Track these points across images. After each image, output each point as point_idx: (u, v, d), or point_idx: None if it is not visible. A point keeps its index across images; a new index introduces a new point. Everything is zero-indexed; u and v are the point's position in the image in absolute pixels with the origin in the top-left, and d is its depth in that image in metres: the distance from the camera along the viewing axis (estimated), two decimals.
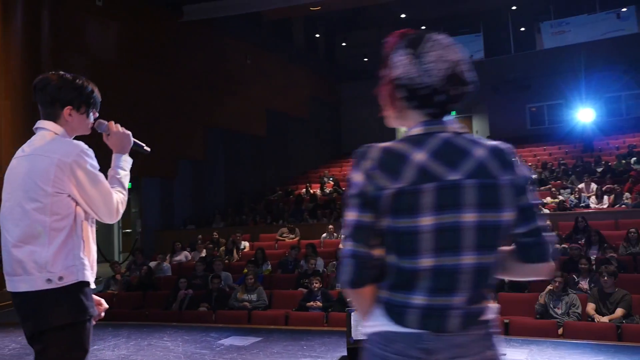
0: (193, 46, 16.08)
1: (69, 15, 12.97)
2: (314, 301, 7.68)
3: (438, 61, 1.37)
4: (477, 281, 1.35)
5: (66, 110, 2.24)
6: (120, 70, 14.27)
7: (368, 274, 1.36)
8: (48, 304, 2.06)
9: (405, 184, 1.32)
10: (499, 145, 1.44)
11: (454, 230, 1.32)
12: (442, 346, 1.32)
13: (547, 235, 1.43)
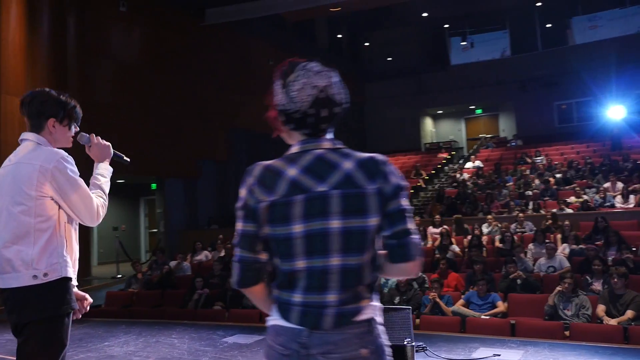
0: (215, 49, 16.34)
1: (94, 21, 13.35)
2: None
3: (304, 88, 1.55)
4: (345, 281, 1.48)
5: (50, 121, 2.42)
6: (144, 74, 14.62)
7: (252, 276, 1.55)
8: (33, 298, 2.21)
9: (278, 196, 1.51)
10: (371, 157, 1.57)
11: (322, 235, 1.48)
12: (316, 342, 1.46)
13: (412, 237, 1.54)
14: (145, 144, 14.55)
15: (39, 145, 2.38)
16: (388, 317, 4.51)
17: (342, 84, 1.64)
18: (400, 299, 7.42)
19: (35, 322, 2.21)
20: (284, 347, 1.49)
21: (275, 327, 1.54)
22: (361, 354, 1.47)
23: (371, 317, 1.53)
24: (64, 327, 2.27)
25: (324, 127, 1.59)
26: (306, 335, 1.47)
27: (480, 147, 21.57)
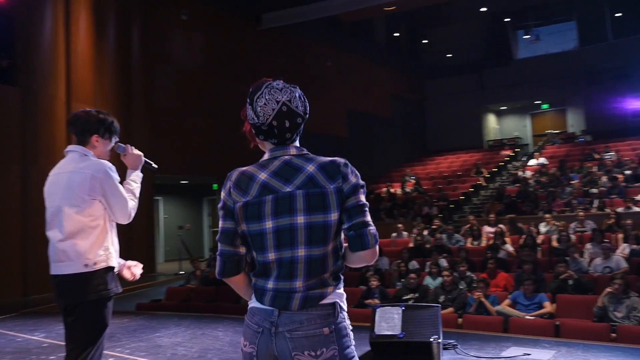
0: (273, 52, 16.74)
1: (157, 30, 14.06)
2: (371, 298, 7.83)
3: (268, 104, 1.79)
4: (310, 269, 1.69)
5: (93, 137, 2.79)
6: (204, 79, 15.22)
7: (232, 267, 1.78)
8: (84, 283, 2.61)
9: (251, 197, 1.74)
10: (332, 160, 1.77)
11: (289, 230, 1.69)
12: (284, 321, 1.68)
13: (368, 228, 1.73)
14: (205, 145, 15.17)
15: (86, 156, 2.76)
16: (417, 314, 4.58)
17: (303, 97, 1.86)
18: (445, 298, 7.39)
19: (85, 303, 2.60)
20: (257, 325, 1.72)
21: (252, 309, 1.76)
22: (322, 332, 1.67)
23: (335, 301, 1.72)
24: (107, 308, 2.66)
25: (289, 136, 1.80)
26: (276, 315, 1.69)
27: (545, 143, 20.81)
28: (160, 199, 16.90)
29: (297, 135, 1.83)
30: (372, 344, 4.62)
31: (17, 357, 5.08)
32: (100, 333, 2.66)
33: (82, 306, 2.61)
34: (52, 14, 10.65)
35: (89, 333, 2.61)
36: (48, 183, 2.82)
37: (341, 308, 1.74)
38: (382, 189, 18.03)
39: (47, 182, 2.83)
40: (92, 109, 2.96)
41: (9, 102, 9.76)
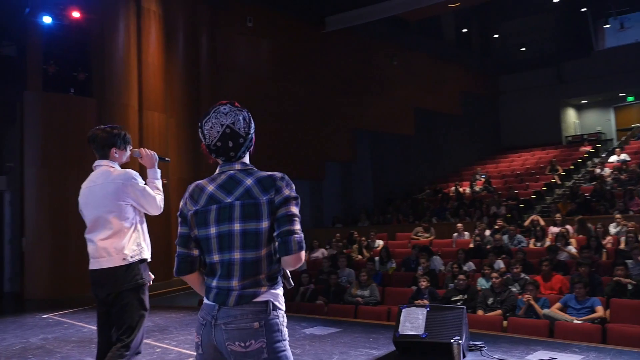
0: (337, 53, 16.94)
1: (224, 38, 14.66)
2: (421, 299, 7.83)
3: (213, 127, 2.02)
4: (245, 271, 1.92)
5: (112, 150, 3.30)
6: (271, 84, 15.69)
7: (186, 267, 2.07)
8: (124, 274, 3.11)
9: (200, 206, 2.01)
10: (270, 175, 2.02)
11: (228, 235, 1.94)
12: (222, 315, 1.92)
13: (293, 236, 1.93)
14: (272, 148, 15.61)
15: (113, 167, 3.27)
16: (441, 315, 4.61)
17: (249, 119, 2.10)
18: (494, 300, 7.26)
19: (125, 291, 3.09)
20: (203, 318, 1.98)
21: (202, 304, 2.03)
22: (252, 326, 1.89)
23: (268, 300, 1.94)
24: (144, 295, 3.18)
25: (233, 154, 2.04)
26: (216, 309, 1.93)
27: (629, 138, 19.57)
28: None
29: (243, 152, 2.06)
30: (396, 343, 4.71)
31: (79, 346, 5.61)
32: (142, 317, 3.12)
33: (123, 294, 3.10)
34: (125, 28, 11.44)
35: (132, 317, 3.07)
36: (82, 195, 3.30)
37: (274, 306, 1.95)
38: (450, 189, 17.76)
39: (81, 194, 3.32)
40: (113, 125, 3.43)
41: (86, 112, 10.60)
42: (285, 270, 2.03)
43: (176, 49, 13.01)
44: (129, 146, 3.39)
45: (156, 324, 6.71)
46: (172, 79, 12.74)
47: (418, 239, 12.65)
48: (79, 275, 10.13)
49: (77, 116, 10.44)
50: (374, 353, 4.81)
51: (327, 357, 4.78)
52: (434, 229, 13.13)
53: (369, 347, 5.00)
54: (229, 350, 1.89)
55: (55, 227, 9.96)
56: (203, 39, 13.99)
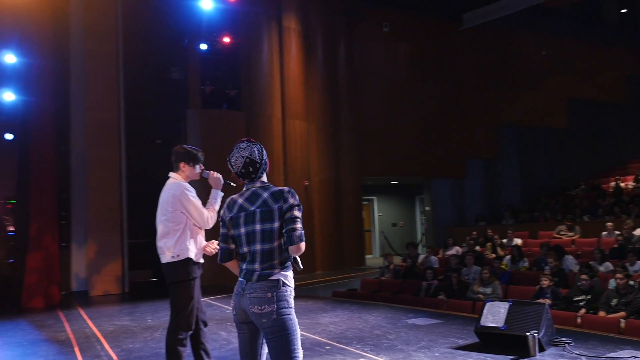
0: (477, 49, 16.78)
1: (361, 45, 15.47)
2: (542, 298, 7.76)
3: (237, 158, 2.78)
4: (264, 258, 2.69)
5: (181, 164, 3.91)
6: (409, 85, 16.14)
7: (225, 257, 2.86)
8: (174, 269, 3.78)
9: (234, 213, 2.79)
10: (280, 189, 2.75)
11: (252, 233, 2.73)
12: (248, 288, 2.67)
13: (295, 232, 2.66)
14: (412, 148, 16.06)
15: (175, 180, 3.90)
16: (522, 310, 4.83)
17: (261, 149, 2.83)
18: (618, 302, 6.97)
19: (173, 284, 3.78)
20: (236, 289, 2.76)
21: (238, 281, 2.77)
22: (266, 296, 2.64)
23: (279, 278, 2.68)
24: (190, 287, 3.77)
25: (253, 176, 2.80)
26: (245, 284, 2.70)
27: None
28: (374, 199, 18.36)
29: (260, 173, 2.81)
30: (477, 334, 5.00)
31: (219, 323, 6.73)
32: (188, 304, 3.73)
33: (172, 286, 3.77)
34: (268, 47, 12.79)
35: (177, 305, 3.75)
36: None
37: (284, 283, 2.68)
38: (610, 184, 16.47)
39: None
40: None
41: (236, 124, 12.11)
42: (295, 258, 2.69)
43: (315, 60, 14.11)
44: (198, 165, 3.90)
45: None
46: (312, 89, 13.86)
47: (560, 237, 12.15)
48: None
49: (229, 128, 11.99)
50: (459, 342, 5.14)
51: (415, 342, 5.23)
52: (581, 228, 12.45)
53: (458, 337, 5.33)
54: (251, 312, 2.65)
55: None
56: (341, 48, 14.93)
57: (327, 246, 13.79)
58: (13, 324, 7.43)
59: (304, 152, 13.38)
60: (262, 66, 12.61)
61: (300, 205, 2.73)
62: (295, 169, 13.10)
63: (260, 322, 2.63)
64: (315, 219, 13.61)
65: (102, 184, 10.31)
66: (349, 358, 4.80)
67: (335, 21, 14.77)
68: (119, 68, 10.78)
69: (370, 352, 4.95)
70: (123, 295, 10.16)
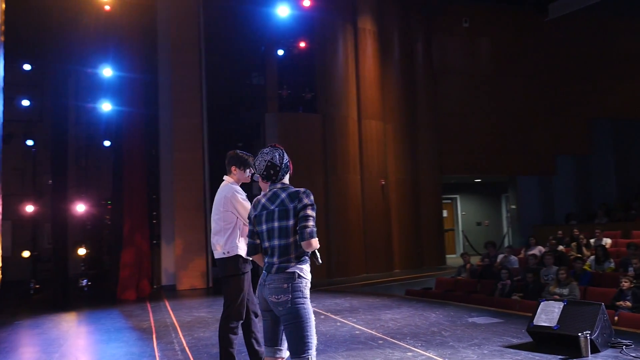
0: (564, 40, 16.00)
1: (439, 42, 15.31)
2: (623, 300, 7.39)
3: (260, 162, 3.09)
4: (281, 252, 2.97)
5: (233, 167, 4.24)
6: (492, 80, 15.74)
7: (253, 250, 3.15)
8: (225, 264, 4.13)
9: (257, 212, 3.10)
10: (296, 190, 3.02)
11: (272, 230, 3.02)
12: (269, 279, 2.97)
13: (307, 229, 2.91)
14: (495, 145, 15.63)
15: (227, 182, 4.24)
16: (577, 310, 4.73)
17: (282, 153, 3.10)
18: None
19: (225, 277, 4.12)
20: (260, 280, 3.04)
21: (262, 273, 3.05)
22: (283, 286, 2.92)
23: (294, 271, 2.95)
24: (240, 281, 4.07)
25: (274, 178, 3.10)
26: (266, 275, 3.00)
27: None
28: (457, 197, 18.02)
29: (281, 175, 3.09)
30: (529, 333, 4.93)
31: None
32: (238, 296, 4.03)
33: (223, 279, 4.11)
34: (343, 49, 13.02)
35: (229, 296, 4.07)
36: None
37: (299, 275, 2.93)
38: None
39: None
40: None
41: (312, 126, 12.45)
42: (314, 252, 2.91)
43: (391, 59, 14.16)
44: (248, 169, 4.18)
45: (351, 305, 7.87)
46: (388, 88, 13.92)
47: None
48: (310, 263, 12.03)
49: (306, 130, 12.37)
50: (513, 341, 5.08)
51: (468, 339, 5.24)
52: None
53: (512, 336, 5.26)
54: (270, 300, 2.93)
55: None
56: (418, 46, 14.87)
57: (405, 245, 13.79)
58: (106, 313, 8.24)
59: (380, 152, 13.48)
60: (337, 69, 12.88)
61: (314, 205, 2.98)
62: (371, 169, 13.23)
63: (278, 310, 2.90)
64: (393, 218, 13.66)
65: (187, 186, 11.06)
66: (398, 352, 4.92)
67: (412, 19, 14.72)
68: (201, 76, 11.49)
69: (420, 347, 5.04)
70: (207, 290, 10.84)
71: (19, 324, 7.50)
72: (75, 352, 5.64)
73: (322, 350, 5.09)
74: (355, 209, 12.78)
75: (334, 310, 7.47)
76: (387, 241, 13.40)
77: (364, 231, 12.91)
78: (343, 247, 12.40)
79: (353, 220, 12.68)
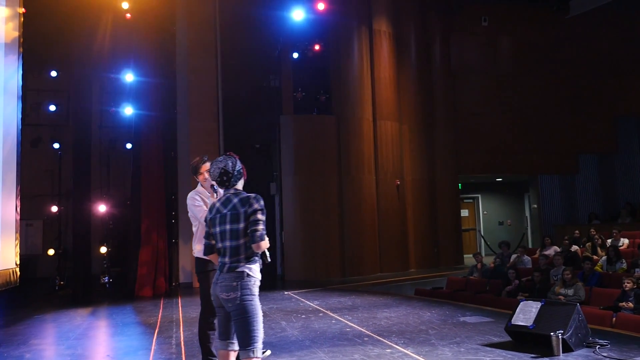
0: (587, 37, 15.75)
1: (458, 42, 15.27)
2: (625, 302, 7.35)
3: (214, 169, 3.35)
4: (232, 253, 3.23)
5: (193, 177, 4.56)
6: (512, 79, 15.65)
7: (209, 250, 3.45)
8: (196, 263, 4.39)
9: (212, 215, 3.37)
10: (248, 195, 3.28)
11: (224, 232, 3.29)
12: (220, 278, 3.22)
13: (257, 232, 3.17)
14: (515, 144, 15.52)
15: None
16: (553, 310, 4.82)
17: (234, 161, 3.35)
18: None
19: (197, 275, 4.36)
20: (215, 277, 3.29)
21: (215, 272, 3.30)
22: (232, 285, 3.17)
23: (244, 270, 3.21)
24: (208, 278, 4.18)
25: (228, 184, 3.36)
26: (219, 274, 3.26)
27: None
28: (478, 196, 17.92)
29: (234, 182, 3.34)
30: (508, 332, 5.02)
31: (284, 314, 7.30)
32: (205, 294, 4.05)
33: (198, 277, 4.33)
34: (358, 51, 13.17)
35: (201, 294, 4.25)
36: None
37: (248, 275, 3.19)
38: None
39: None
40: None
41: (327, 127, 12.65)
42: (264, 252, 3.14)
43: (408, 59, 14.23)
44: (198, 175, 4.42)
45: (353, 304, 8.05)
46: (404, 89, 14.01)
47: None
48: (324, 262, 12.24)
49: (320, 132, 12.59)
50: (494, 340, 5.18)
51: (450, 338, 5.37)
52: None
53: (495, 335, 5.36)
54: (221, 297, 3.19)
55: (304, 223, 12.24)
56: (435, 46, 14.89)
57: (420, 245, 13.85)
58: (120, 308, 8.65)
59: (396, 153, 13.57)
60: (352, 70, 13.03)
61: (264, 210, 3.25)
62: (386, 169, 13.34)
63: (228, 306, 3.16)
64: (409, 218, 13.74)
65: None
66: (378, 349, 5.09)
67: (428, 19, 14.75)
68: (217, 80, 11.83)
69: (401, 344, 5.19)
70: None
71: (38, 317, 7.96)
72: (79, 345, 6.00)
73: (307, 346, 5.30)
74: (369, 209, 12.91)
75: (334, 308, 7.67)
76: (403, 241, 13.49)
77: (378, 231, 13.03)
78: (357, 247, 12.56)
79: (367, 220, 12.82)
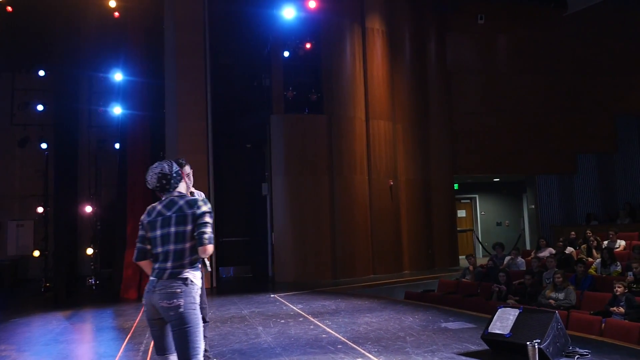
0: (585, 35, 15.51)
1: (454, 40, 15.06)
2: (616, 306, 7.12)
3: (151, 177, 3.23)
4: (176, 257, 3.09)
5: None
6: (509, 78, 15.41)
7: (140, 256, 3.26)
8: None
9: (152, 218, 3.21)
10: (194, 198, 3.20)
11: (167, 235, 3.14)
12: (159, 285, 3.05)
13: (204, 235, 3.06)
14: (512, 144, 15.28)
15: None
16: (530, 318, 4.61)
17: (170, 164, 3.22)
18: None
19: None
20: (148, 287, 3.15)
21: (150, 280, 3.11)
22: (175, 292, 3.02)
23: (187, 277, 3.09)
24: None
25: (168, 187, 3.25)
26: (156, 282, 3.06)
27: None
28: (476, 197, 17.67)
29: (174, 184, 3.20)
30: (485, 340, 4.81)
31: (265, 319, 7.11)
32: None
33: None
34: (350, 49, 12.95)
35: None
36: None
37: (191, 281, 3.04)
38: None
39: None
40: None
41: (318, 127, 12.43)
42: (204, 260, 2.94)
43: (402, 58, 14.00)
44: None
45: (336, 308, 7.85)
46: (398, 88, 13.78)
47: None
48: (315, 264, 12.03)
49: (311, 131, 12.38)
50: (471, 348, 4.97)
51: (427, 345, 5.16)
52: None
53: (474, 343, 5.14)
54: (160, 306, 3.00)
55: (295, 224, 12.03)
56: (431, 44, 14.67)
57: (415, 246, 13.62)
58: (101, 312, 8.49)
59: (389, 152, 13.35)
60: (344, 69, 12.82)
61: (212, 213, 3.16)
62: (379, 169, 13.12)
63: (168, 315, 2.97)
64: (403, 219, 13.52)
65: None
66: (349, 357, 4.89)
67: (423, 17, 14.52)
68: (207, 79, 11.64)
69: (374, 352, 4.99)
70: (211, 290, 10.98)
71: (13, 321, 7.80)
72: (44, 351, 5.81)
73: (278, 354, 5.11)
74: (362, 210, 12.69)
75: (316, 312, 7.47)
76: (396, 242, 13.26)
77: (371, 232, 12.81)
78: (349, 248, 12.34)
79: (360, 221, 12.61)
